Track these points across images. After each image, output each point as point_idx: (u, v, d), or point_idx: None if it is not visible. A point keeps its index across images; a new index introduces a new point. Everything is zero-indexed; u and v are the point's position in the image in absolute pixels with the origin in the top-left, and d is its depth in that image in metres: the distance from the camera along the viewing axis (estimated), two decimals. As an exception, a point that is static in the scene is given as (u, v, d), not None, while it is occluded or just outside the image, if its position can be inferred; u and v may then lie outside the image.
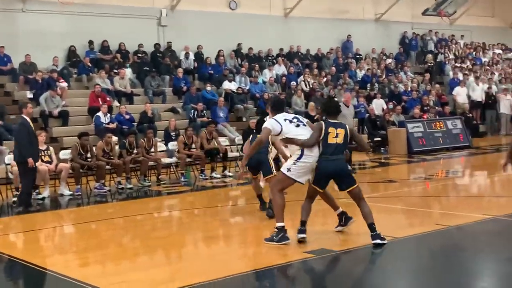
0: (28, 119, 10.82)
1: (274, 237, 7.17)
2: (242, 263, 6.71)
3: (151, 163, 13.60)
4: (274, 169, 8.90)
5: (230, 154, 14.86)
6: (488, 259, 6.63)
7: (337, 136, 7.08)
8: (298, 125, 7.24)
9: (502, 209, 9.21)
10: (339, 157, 7.10)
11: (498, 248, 7.05)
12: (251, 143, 8.67)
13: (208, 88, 19.48)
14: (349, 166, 7.01)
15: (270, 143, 8.82)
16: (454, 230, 7.85)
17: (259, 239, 7.64)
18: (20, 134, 10.74)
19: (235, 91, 19.90)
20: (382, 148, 18.38)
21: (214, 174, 14.00)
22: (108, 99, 17.15)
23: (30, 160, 10.51)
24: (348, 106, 13.81)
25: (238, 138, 15.91)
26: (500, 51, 29.30)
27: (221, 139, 15.25)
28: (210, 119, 16.79)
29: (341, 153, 7.13)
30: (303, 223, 7.20)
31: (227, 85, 20.08)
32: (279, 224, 7.22)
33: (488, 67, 26.39)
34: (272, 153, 9.20)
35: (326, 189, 7.39)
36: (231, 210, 10.76)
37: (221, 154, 14.34)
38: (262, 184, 9.62)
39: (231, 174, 14.18)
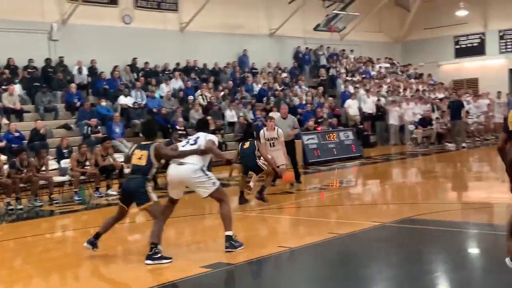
0: None
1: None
2: (139, 280, 6.61)
3: (42, 182, 13.11)
4: (263, 168, 11.30)
5: (126, 171, 14.57)
6: (378, 265, 6.91)
7: (140, 158, 7.49)
8: (184, 145, 7.79)
9: (391, 216, 9.67)
10: (135, 177, 7.50)
11: (387, 253, 7.39)
12: (240, 150, 11.45)
13: (103, 103, 19.08)
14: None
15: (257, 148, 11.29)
16: (347, 238, 8.13)
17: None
18: None
19: (131, 106, 19.62)
20: (279, 160, 18.70)
21: (109, 192, 13.67)
22: (-5, 116, 16.39)
23: None
24: (285, 118, 14.17)
25: (135, 154, 15.65)
26: (388, 65, 30.82)
27: (117, 155, 14.95)
28: (105, 135, 16.44)
29: (141, 173, 7.45)
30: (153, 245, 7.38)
31: (123, 100, 19.75)
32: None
33: (377, 80, 27.66)
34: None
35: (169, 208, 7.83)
36: (129, 227, 10.55)
37: (116, 171, 14.07)
38: (252, 184, 12.02)
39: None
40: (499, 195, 11.46)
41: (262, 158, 11.45)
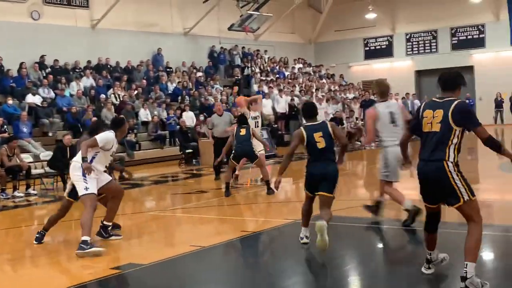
0: None
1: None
2: (49, 283, 6.41)
3: None
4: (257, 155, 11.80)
5: (34, 171, 14.08)
6: (289, 261, 7.00)
7: None
8: None
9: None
10: None
11: (298, 249, 7.49)
12: (235, 137, 11.78)
13: (10, 101, 18.32)
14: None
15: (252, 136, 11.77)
16: (259, 235, 8.21)
17: (67, 258, 7.38)
18: None
19: (39, 104, 18.94)
20: (194, 160, 18.67)
21: (16, 193, 13.16)
22: None
23: None
24: (220, 115, 14.39)
25: (44, 154, 15.18)
26: (300, 65, 31.38)
27: (24, 155, 14.43)
28: (11, 135, 15.78)
29: None
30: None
31: (31, 99, 19.05)
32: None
33: (290, 80, 28.10)
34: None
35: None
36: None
37: (23, 172, 13.54)
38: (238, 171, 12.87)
39: (35, 192, 13.44)
40: (405, 192, 11.90)
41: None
